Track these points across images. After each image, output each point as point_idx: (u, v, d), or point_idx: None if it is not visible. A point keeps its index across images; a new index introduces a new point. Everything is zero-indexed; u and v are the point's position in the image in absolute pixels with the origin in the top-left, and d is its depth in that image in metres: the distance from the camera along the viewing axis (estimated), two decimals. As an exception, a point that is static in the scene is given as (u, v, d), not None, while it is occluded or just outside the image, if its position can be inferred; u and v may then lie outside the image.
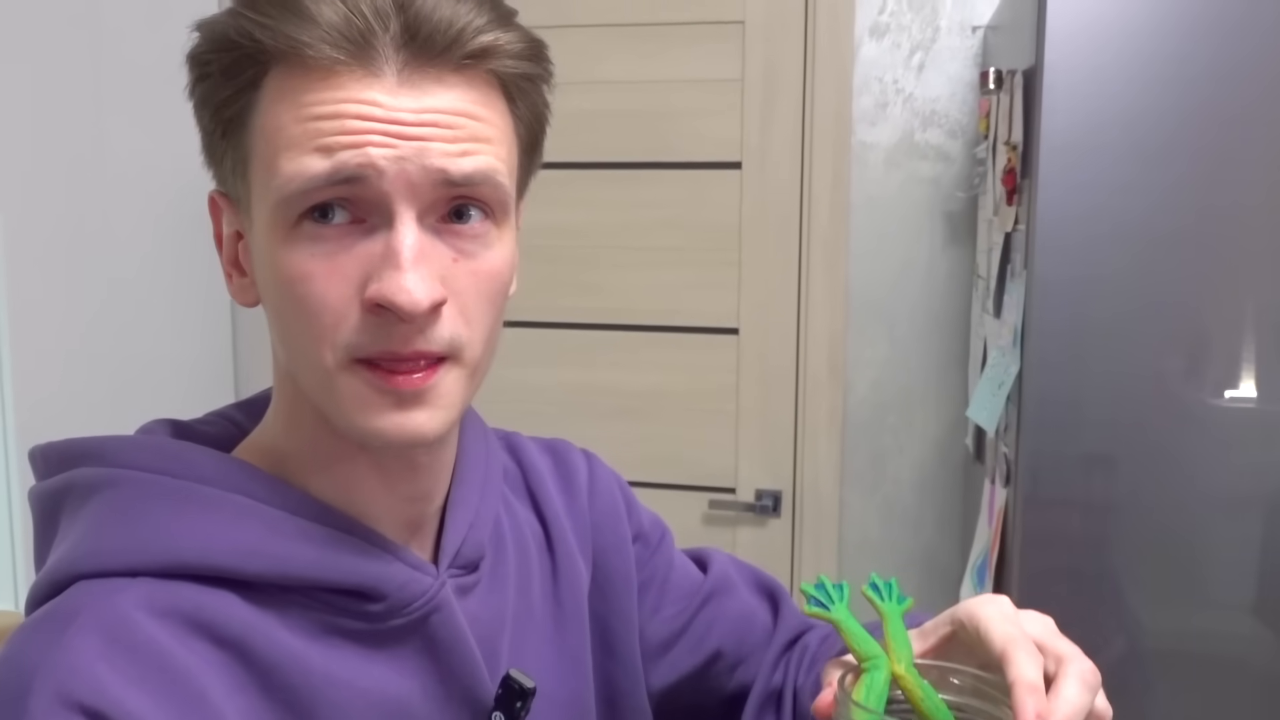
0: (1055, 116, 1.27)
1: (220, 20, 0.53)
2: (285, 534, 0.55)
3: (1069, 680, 0.51)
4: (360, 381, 0.53)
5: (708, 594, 0.77)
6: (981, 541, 1.62)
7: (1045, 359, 1.32)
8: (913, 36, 1.94)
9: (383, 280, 0.51)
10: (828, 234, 1.99)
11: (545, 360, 2.15)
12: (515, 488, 0.72)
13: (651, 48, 2.04)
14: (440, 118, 0.52)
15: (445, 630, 0.59)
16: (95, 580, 0.53)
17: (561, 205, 2.11)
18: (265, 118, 0.52)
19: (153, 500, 0.54)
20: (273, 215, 0.52)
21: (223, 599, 0.53)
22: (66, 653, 0.49)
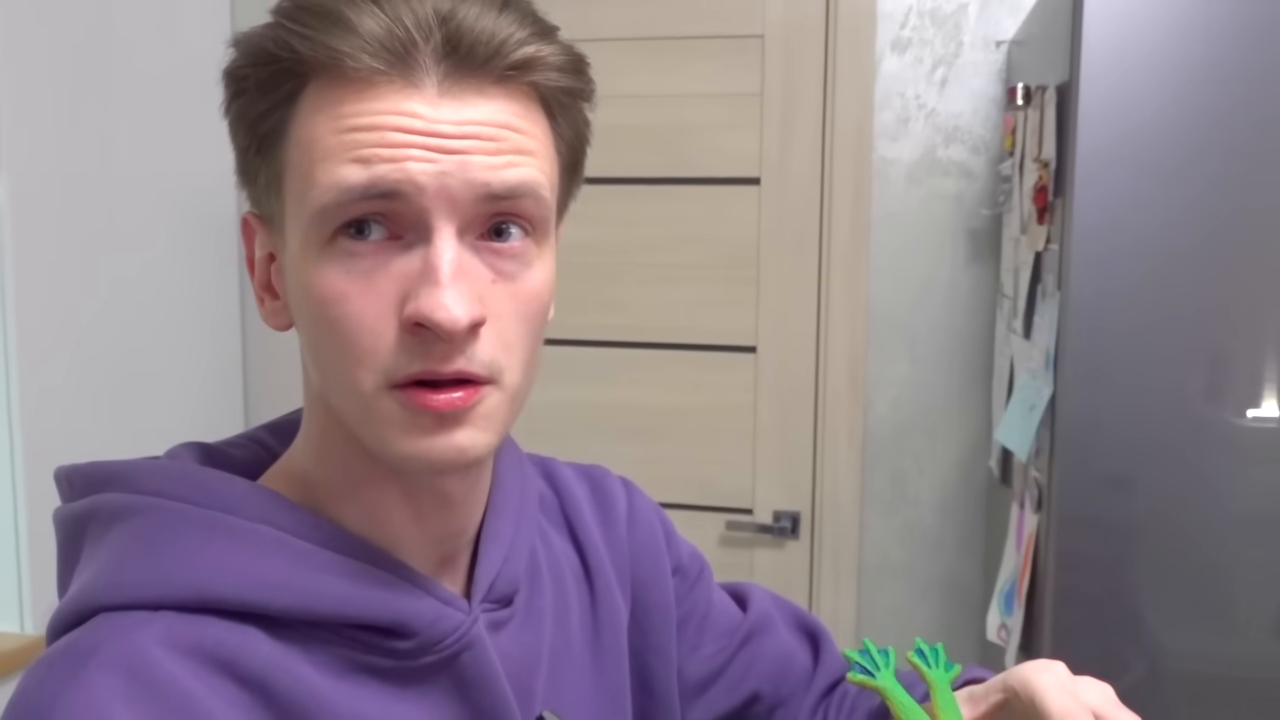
0: (1090, 133, 1.23)
1: (258, 33, 0.51)
2: (313, 567, 0.53)
3: None
4: (398, 405, 0.51)
5: (748, 633, 0.74)
6: (1009, 567, 1.59)
7: (1079, 382, 1.28)
8: (935, 51, 1.91)
9: (420, 298, 0.49)
10: (848, 250, 1.96)
11: (561, 378, 2.12)
12: (552, 516, 0.69)
13: (671, 62, 2.02)
14: (482, 129, 0.50)
15: (476, 669, 0.56)
16: (116, 613, 0.50)
17: (578, 221, 2.07)
18: (302, 130, 0.51)
19: (177, 530, 0.52)
20: (307, 230, 0.50)
21: (247, 635, 0.51)
22: (83, 691, 0.46)
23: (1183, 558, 1.30)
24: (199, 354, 2.08)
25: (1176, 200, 1.24)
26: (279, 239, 0.54)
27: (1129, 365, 1.27)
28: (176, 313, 2.01)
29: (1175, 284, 1.26)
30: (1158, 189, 1.24)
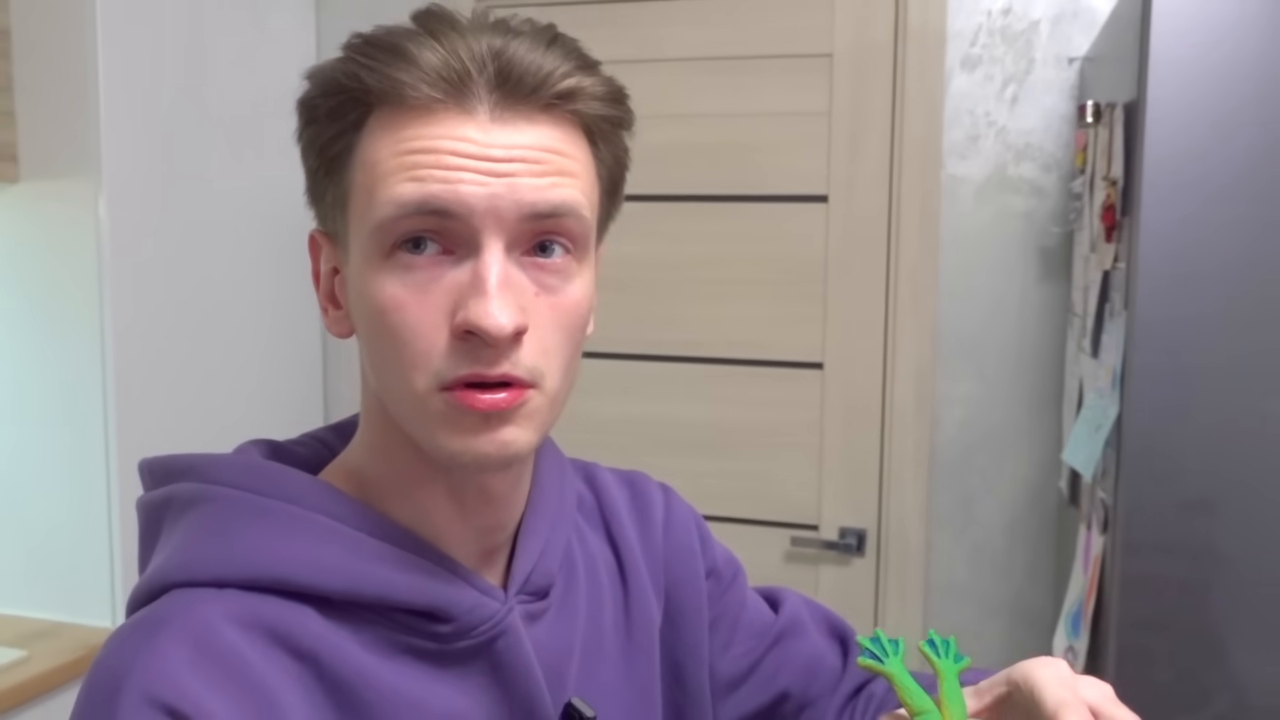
0: (1157, 151, 1.22)
1: (329, 66, 0.57)
2: (363, 554, 0.57)
3: None
4: (447, 405, 0.55)
5: (778, 634, 0.77)
6: (1076, 589, 1.56)
7: (1146, 402, 1.26)
8: (1006, 69, 1.90)
9: (469, 307, 0.53)
10: (916, 268, 1.96)
11: (627, 392, 2.15)
12: (590, 518, 0.73)
13: (741, 82, 2.04)
14: (529, 153, 0.55)
15: (510, 654, 0.60)
16: (186, 590, 0.56)
17: (648, 237, 2.12)
18: (366, 153, 0.55)
19: (243, 517, 0.57)
20: (368, 244, 0.55)
21: (302, 613, 0.56)
22: (155, 657, 0.52)
23: (1252, 578, 1.27)
24: (283, 359, 2.16)
25: (1246, 219, 1.22)
26: (343, 254, 0.59)
27: (1196, 385, 1.25)
28: (263, 320, 2.10)
29: (1245, 304, 1.24)
30: (1226, 208, 1.22)
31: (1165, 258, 1.23)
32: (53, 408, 1.76)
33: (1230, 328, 1.24)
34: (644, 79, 2.09)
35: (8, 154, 1.73)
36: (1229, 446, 1.25)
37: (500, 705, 0.60)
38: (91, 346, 1.74)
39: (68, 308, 1.74)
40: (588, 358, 2.17)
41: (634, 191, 2.08)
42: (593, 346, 2.17)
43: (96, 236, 1.73)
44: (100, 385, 1.74)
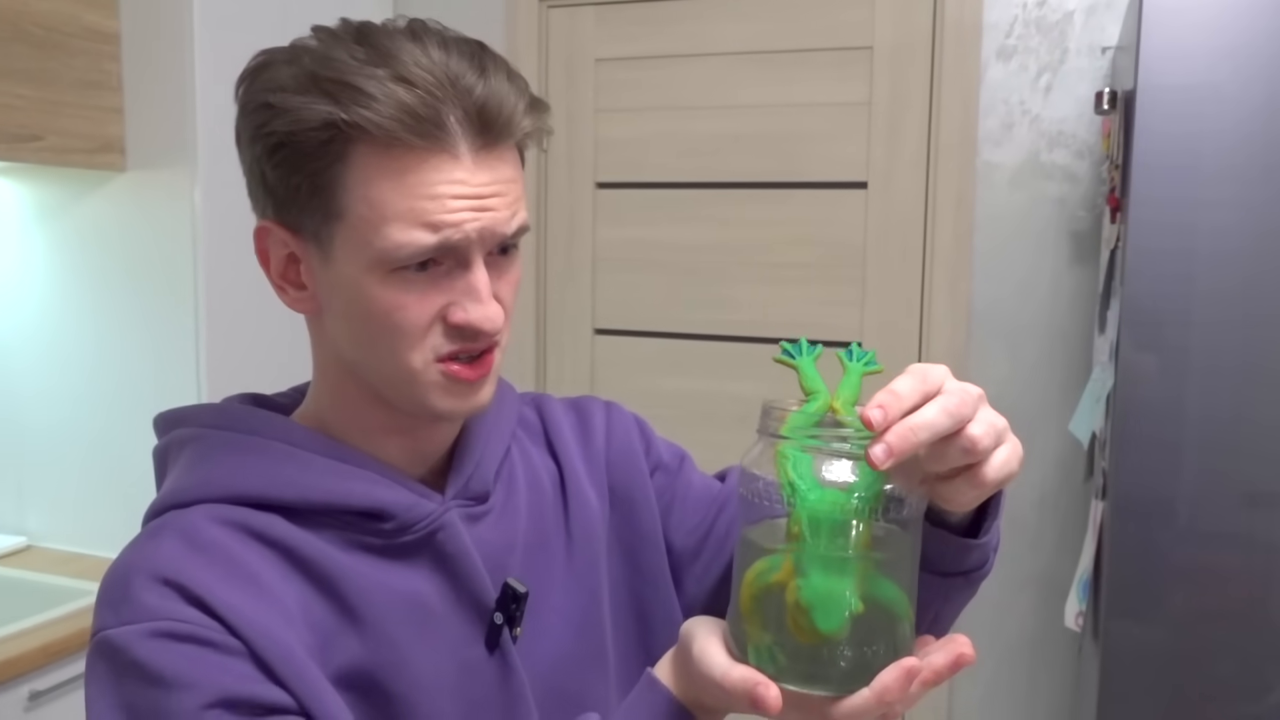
0: (1145, 136, 1.30)
1: (303, 103, 0.65)
2: (314, 470, 0.71)
3: (933, 401, 0.57)
4: (443, 376, 0.69)
5: (724, 500, 0.86)
6: (1086, 556, 1.64)
7: (1137, 373, 1.34)
8: (1040, 59, 1.97)
9: (468, 310, 0.68)
10: (950, 252, 2.04)
11: (679, 369, 2.28)
12: (535, 438, 0.86)
13: (784, 74, 2.14)
14: (500, 187, 0.68)
15: (450, 545, 0.73)
16: (178, 510, 0.70)
17: (695, 223, 2.24)
18: (364, 189, 0.65)
19: (219, 450, 0.72)
20: (373, 263, 0.67)
21: (270, 518, 0.69)
22: (154, 550, 0.66)
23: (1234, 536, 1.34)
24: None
25: (1231, 200, 1.29)
26: (314, 250, 0.69)
27: (1185, 357, 1.32)
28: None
29: (1229, 279, 1.30)
30: (1212, 189, 1.29)
31: (1153, 236, 1.31)
32: (148, 373, 1.96)
33: (1215, 302, 1.31)
34: (692, 72, 2.20)
35: (117, 146, 1.94)
36: (1216, 412, 1.32)
37: (447, 588, 0.73)
38: (185, 317, 1.93)
39: (165, 284, 1.94)
40: (641, 336, 2.31)
41: (683, 179, 2.23)
42: (645, 325, 2.30)
43: (192, 222, 1.92)
44: (193, 354, 1.94)
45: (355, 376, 0.73)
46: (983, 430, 0.57)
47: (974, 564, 0.71)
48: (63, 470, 2.04)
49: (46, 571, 1.93)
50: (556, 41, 2.31)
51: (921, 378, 0.58)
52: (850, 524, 0.57)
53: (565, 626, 0.79)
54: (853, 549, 0.57)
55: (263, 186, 0.70)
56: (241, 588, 0.65)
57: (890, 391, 0.57)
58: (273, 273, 0.72)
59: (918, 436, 0.55)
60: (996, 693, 2.10)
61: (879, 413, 0.56)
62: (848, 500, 0.57)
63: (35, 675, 1.63)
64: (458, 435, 0.79)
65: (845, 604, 0.56)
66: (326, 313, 0.72)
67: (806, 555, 0.57)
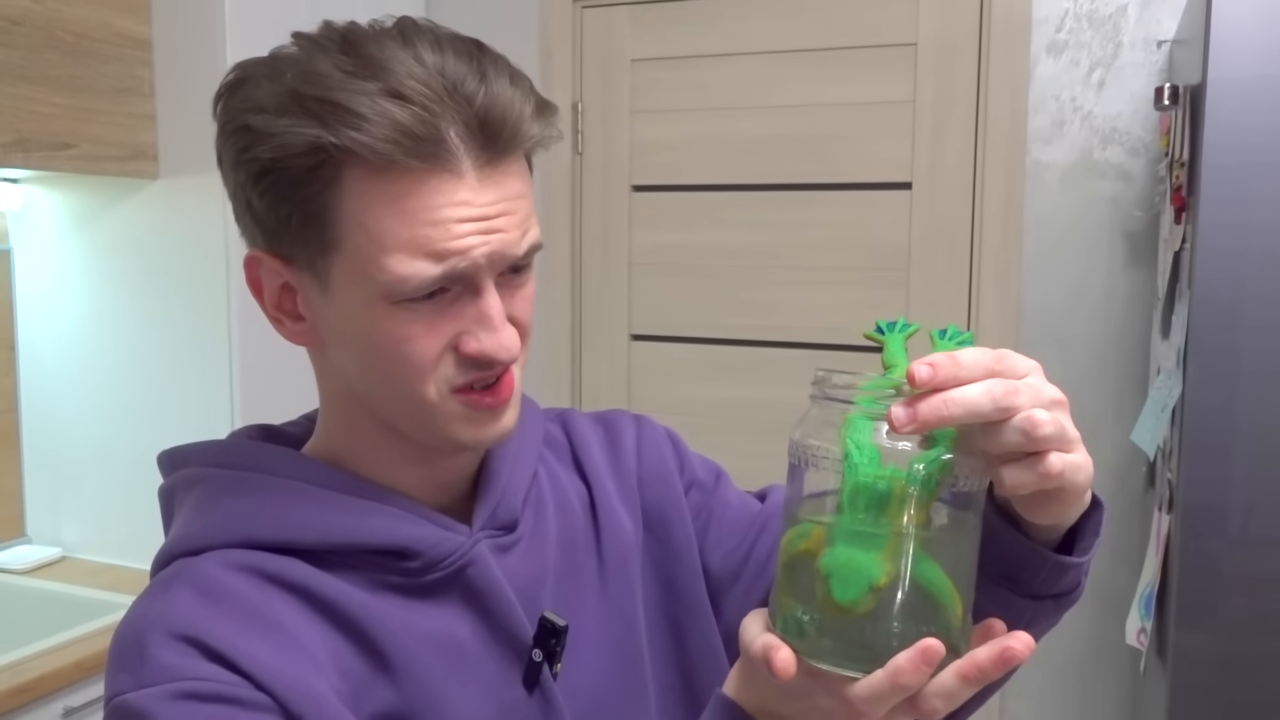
0: (1217, 132, 1.23)
1: (289, 127, 0.58)
2: (332, 509, 0.66)
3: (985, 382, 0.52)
4: (462, 406, 0.64)
5: (764, 522, 0.80)
6: (1150, 571, 1.57)
7: (1208, 381, 1.27)
8: (1093, 53, 1.90)
9: (482, 339, 0.62)
10: (999, 254, 1.97)
11: (715, 376, 2.23)
12: (563, 457, 0.81)
13: (825, 72, 2.09)
14: (507, 205, 0.62)
15: (481, 580, 0.68)
16: (189, 557, 0.65)
17: (733, 226, 2.19)
18: (361, 216, 0.59)
19: (229, 491, 0.67)
20: (375, 295, 0.62)
21: (288, 561, 0.64)
22: (169, 603, 0.62)
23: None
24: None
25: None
26: (312, 281, 0.63)
27: (1259, 364, 1.25)
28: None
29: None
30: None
31: (1225, 237, 1.24)
32: (186, 383, 1.94)
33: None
34: (731, 72, 2.15)
35: (150, 153, 1.92)
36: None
37: (480, 625, 0.68)
38: (220, 326, 1.91)
39: (200, 292, 1.92)
40: (678, 342, 2.26)
41: (722, 181, 2.18)
42: (683, 331, 2.25)
43: (225, 228, 1.89)
44: (227, 363, 1.91)
45: (367, 408, 0.68)
46: (1047, 417, 0.51)
47: (1066, 587, 0.66)
48: (97, 481, 2.02)
49: (81, 584, 1.91)
50: (591, 42, 2.27)
51: (996, 357, 0.53)
52: (891, 495, 0.52)
53: (603, 658, 0.74)
54: (888, 520, 0.52)
55: (249, 214, 0.63)
56: (265, 638, 0.61)
57: (951, 356, 0.51)
58: (267, 304, 0.66)
59: (949, 410, 0.50)
60: (1050, 708, 2.03)
61: (927, 370, 0.51)
62: (894, 469, 0.52)
63: (69, 691, 1.60)
64: (481, 460, 0.74)
65: (866, 575, 0.51)
66: (330, 345, 0.66)
67: (839, 523, 0.52)
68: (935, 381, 0.51)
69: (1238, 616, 1.31)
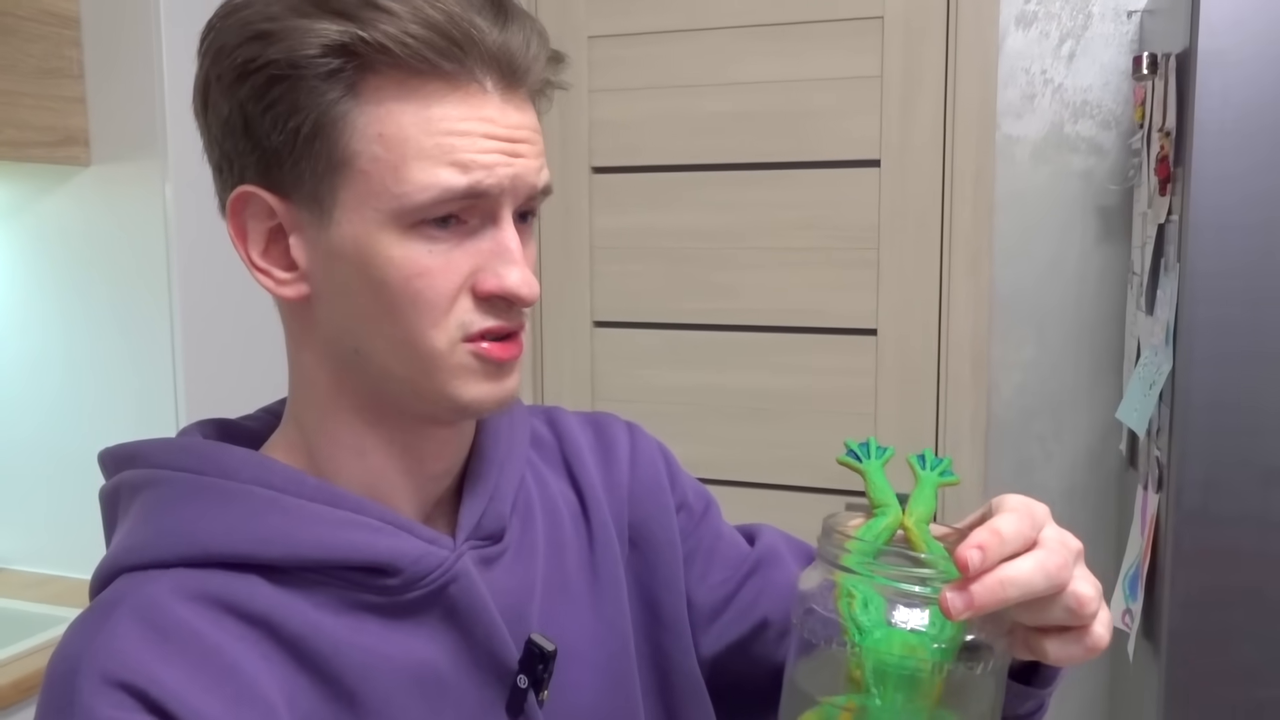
0: (1209, 101, 1.19)
1: (307, 25, 0.54)
2: (301, 520, 0.59)
3: (1032, 554, 0.50)
4: (471, 358, 0.59)
5: (754, 564, 0.77)
6: (1134, 551, 1.54)
7: (1200, 356, 1.24)
8: (1062, 24, 1.86)
9: (502, 275, 0.58)
10: (970, 231, 1.93)
11: (683, 361, 2.16)
12: (551, 460, 0.74)
13: (787, 47, 2.03)
14: (527, 134, 0.59)
15: (464, 599, 0.62)
16: (136, 573, 0.58)
17: (697, 207, 2.12)
18: (382, 125, 0.55)
19: (183, 498, 0.59)
20: (387, 217, 0.56)
21: (248, 582, 0.57)
22: (108, 638, 0.54)
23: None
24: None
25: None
26: (310, 215, 0.57)
27: (1251, 339, 1.22)
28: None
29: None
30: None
31: (1218, 209, 1.21)
32: (124, 380, 1.83)
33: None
34: (692, 48, 2.09)
35: (80, 139, 1.81)
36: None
37: (461, 649, 0.62)
38: (161, 320, 1.81)
39: (137, 284, 1.81)
40: (642, 328, 2.19)
41: (684, 161, 2.11)
42: (647, 316, 2.18)
43: (164, 217, 1.79)
44: (169, 358, 1.81)
45: (349, 382, 0.61)
46: (1090, 591, 0.52)
47: (1028, 710, 0.64)
48: (33, 486, 1.91)
49: (17, 597, 1.80)
50: (546, 18, 2.18)
51: (1030, 521, 0.51)
52: (922, 676, 0.49)
53: (594, 679, 0.69)
54: (924, 706, 0.49)
55: (246, 139, 0.57)
56: (215, 688, 0.53)
57: (994, 531, 0.49)
58: (252, 252, 0.59)
59: (1006, 593, 0.48)
60: (1027, 692, 2.01)
61: (978, 555, 0.48)
62: (921, 648, 0.49)
63: (6, 714, 1.51)
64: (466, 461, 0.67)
65: None
66: (321, 296, 0.59)
67: (871, 711, 0.49)
68: (986, 567, 0.48)
69: (1231, 595, 1.28)
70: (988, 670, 0.51)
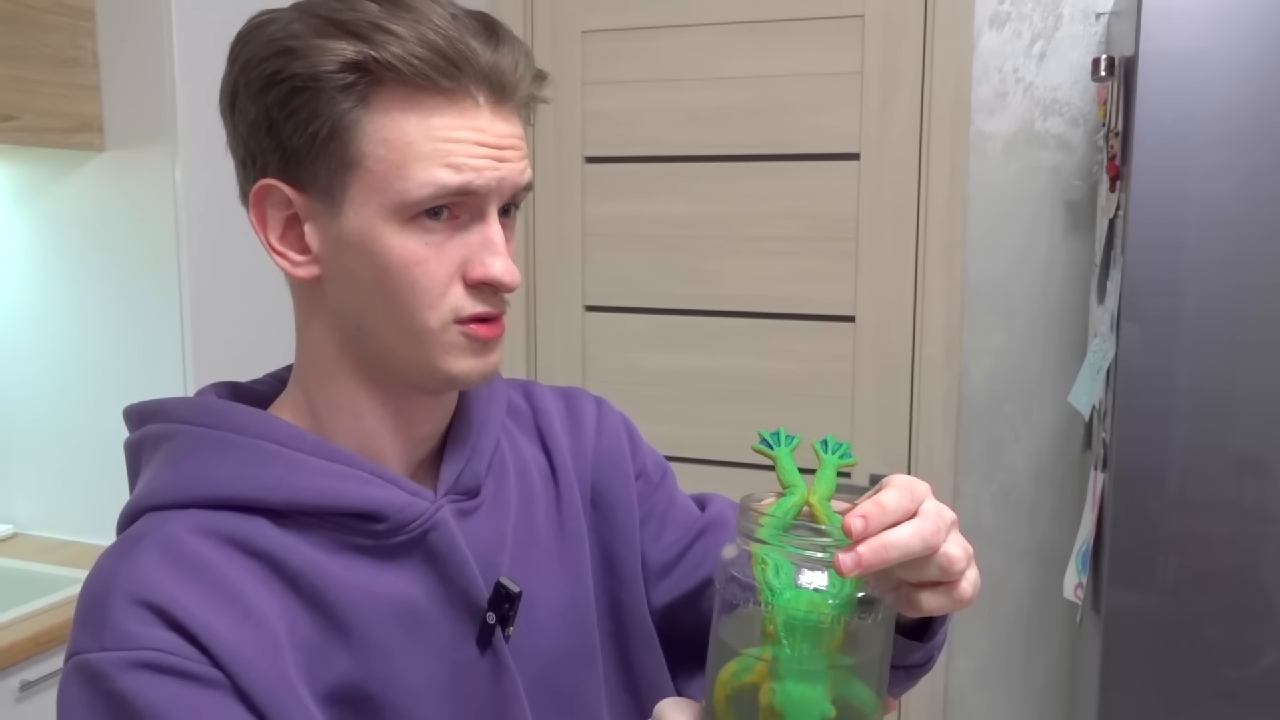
0: (1149, 104, 1.28)
1: (326, 43, 0.63)
2: (302, 470, 0.67)
3: (911, 523, 0.58)
4: (461, 336, 0.68)
5: (702, 528, 0.86)
6: (1086, 528, 1.63)
7: (1140, 344, 1.33)
8: (1034, 25, 1.94)
9: (488, 264, 0.67)
10: (944, 223, 2.02)
11: (667, 346, 2.26)
12: (525, 427, 0.84)
13: (772, 44, 2.11)
14: (513, 141, 0.68)
15: (442, 545, 0.70)
16: (156, 512, 0.67)
17: (685, 197, 2.21)
18: (386, 130, 0.64)
19: (200, 449, 0.68)
20: (389, 210, 0.65)
21: (255, 523, 0.66)
22: (134, 565, 0.63)
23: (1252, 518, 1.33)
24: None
25: (1234, 166, 1.27)
26: (324, 206, 0.66)
27: (1189, 328, 1.30)
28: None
29: (1232, 248, 1.29)
30: (1215, 156, 1.27)
31: (1155, 205, 1.29)
32: (134, 353, 1.93)
33: (1219, 270, 1.29)
34: (680, 43, 2.17)
35: (94, 125, 1.90)
36: (1218, 382, 1.31)
37: (438, 588, 0.70)
38: (170, 296, 1.90)
39: (148, 263, 1.91)
40: (631, 313, 2.28)
41: (673, 153, 2.20)
42: (636, 301, 2.27)
43: (174, 200, 1.88)
44: (178, 332, 1.91)
45: (351, 353, 0.70)
46: (959, 551, 0.60)
47: (917, 661, 0.73)
48: (48, 456, 2.00)
49: (33, 559, 1.90)
50: (542, 13, 2.27)
51: (909, 494, 0.59)
52: (824, 627, 0.58)
53: (557, 623, 0.78)
54: (826, 653, 0.58)
55: (269, 139, 0.66)
56: (225, 609, 0.63)
57: (876, 503, 0.57)
58: (270, 236, 0.69)
59: (889, 554, 0.57)
60: (994, 663, 2.10)
61: (860, 523, 0.56)
62: (823, 604, 0.58)
63: (26, 665, 1.60)
64: (448, 426, 0.76)
65: (818, 709, 0.57)
66: (330, 277, 0.68)
67: (781, 659, 0.58)
68: (868, 533, 0.56)
69: (1167, 573, 1.37)
70: (878, 620, 0.60)
